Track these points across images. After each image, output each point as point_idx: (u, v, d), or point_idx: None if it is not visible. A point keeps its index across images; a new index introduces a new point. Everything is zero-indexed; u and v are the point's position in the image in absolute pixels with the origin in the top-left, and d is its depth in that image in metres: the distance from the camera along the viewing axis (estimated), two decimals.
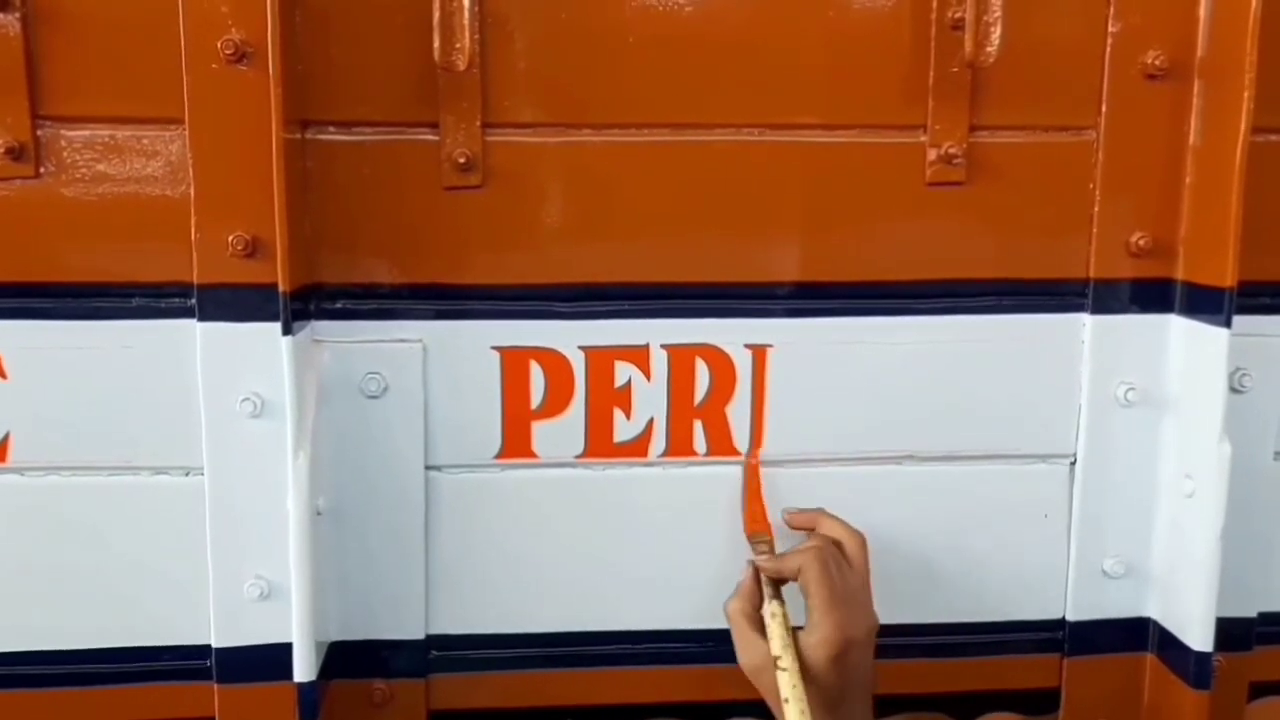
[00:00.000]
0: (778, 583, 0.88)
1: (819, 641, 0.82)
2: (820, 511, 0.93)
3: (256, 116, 0.81)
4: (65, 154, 0.85)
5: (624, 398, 0.93)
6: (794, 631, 0.84)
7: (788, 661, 0.82)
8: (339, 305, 0.90)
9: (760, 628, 0.85)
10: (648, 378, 0.93)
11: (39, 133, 0.85)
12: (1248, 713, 1.03)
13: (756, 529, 0.93)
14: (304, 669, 0.85)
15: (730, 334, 0.93)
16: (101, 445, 0.89)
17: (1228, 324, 0.89)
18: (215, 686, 0.91)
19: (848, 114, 0.91)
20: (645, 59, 0.89)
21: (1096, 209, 0.94)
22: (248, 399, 0.87)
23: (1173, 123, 0.92)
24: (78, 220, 0.86)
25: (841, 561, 0.87)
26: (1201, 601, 0.92)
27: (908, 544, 0.91)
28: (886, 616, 0.88)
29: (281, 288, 0.81)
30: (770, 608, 0.86)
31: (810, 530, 0.92)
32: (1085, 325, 0.95)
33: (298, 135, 0.86)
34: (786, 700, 0.80)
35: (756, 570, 0.89)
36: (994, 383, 0.95)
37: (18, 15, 0.82)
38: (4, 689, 0.92)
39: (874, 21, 0.90)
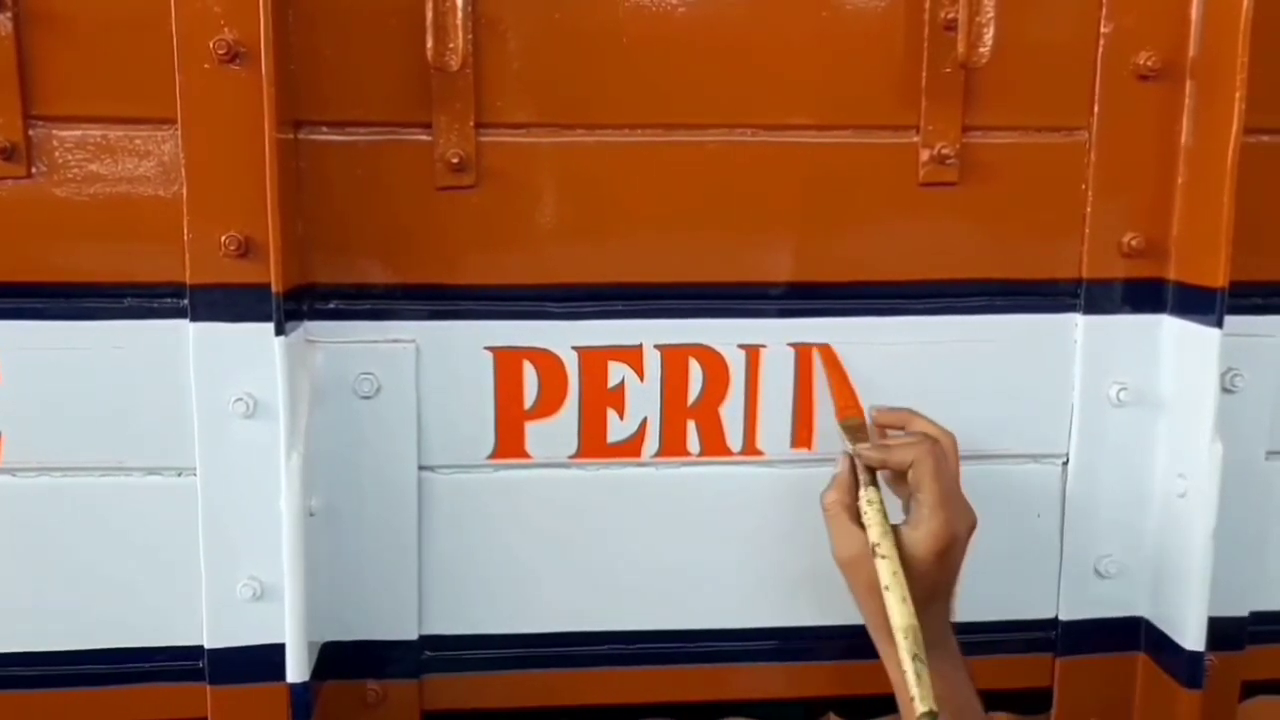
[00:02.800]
0: (873, 471, 0.87)
1: (927, 535, 0.82)
2: (910, 411, 0.92)
3: (249, 116, 0.81)
4: (57, 154, 0.85)
5: (617, 398, 0.93)
6: (895, 527, 0.84)
7: (887, 549, 0.81)
8: (332, 305, 0.90)
9: (858, 519, 0.85)
10: (641, 378, 0.93)
11: (31, 132, 0.85)
12: (1240, 712, 1.03)
13: (849, 414, 0.92)
14: (297, 669, 0.85)
15: (723, 334, 0.93)
16: (94, 446, 0.89)
17: (1219, 324, 0.89)
18: (208, 687, 0.91)
19: (841, 114, 0.91)
20: (638, 60, 0.89)
21: (1089, 209, 0.94)
22: (240, 399, 0.87)
23: (1165, 123, 0.93)
24: (70, 220, 0.86)
25: (945, 457, 0.87)
26: (1194, 601, 0.92)
27: None
28: None
29: (274, 288, 0.81)
30: (868, 494, 0.85)
31: (899, 428, 0.92)
32: (1078, 325, 0.95)
33: (290, 135, 0.86)
34: (887, 587, 0.80)
35: (851, 460, 0.88)
36: (986, 383, 0.95)
37: (9, 15, 0.82)
38: None
39: (867, 22, 0.90)
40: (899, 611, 0.79)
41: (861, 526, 0.84)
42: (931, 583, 0.83)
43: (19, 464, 0.89)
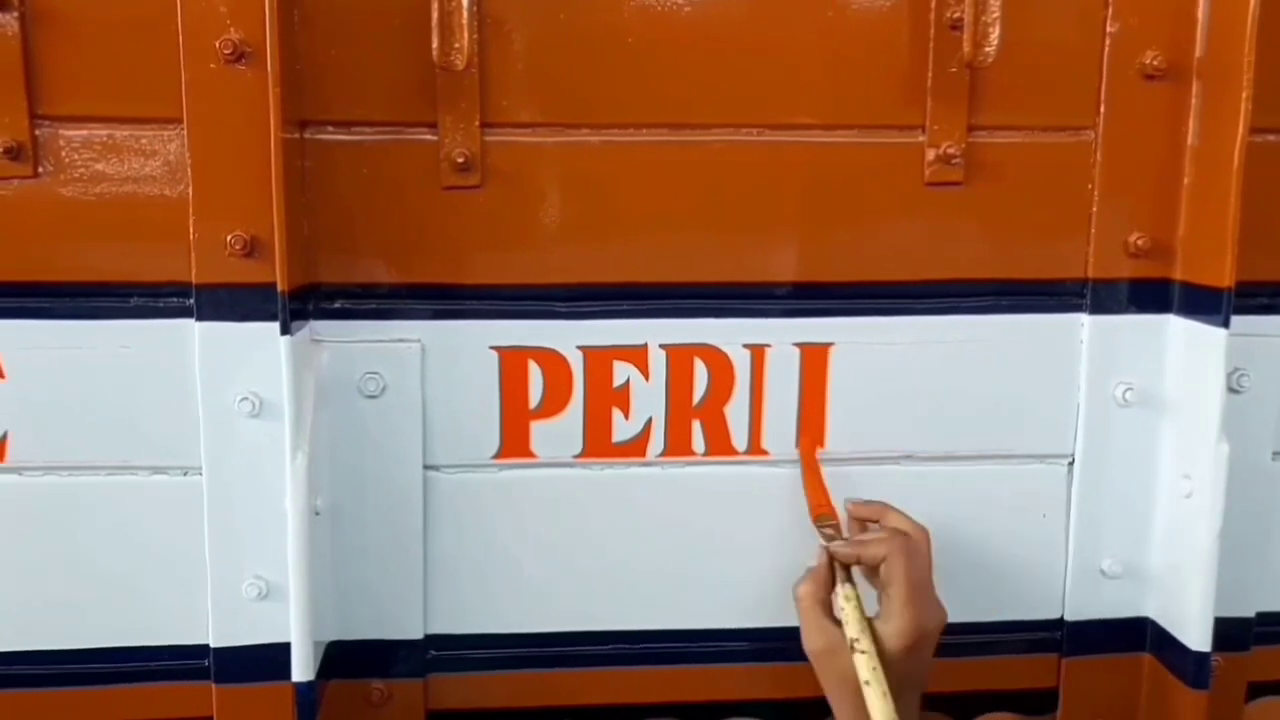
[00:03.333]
0: (848, 568, 0.88)
1: (896, 632, 0.83)
2: (884, 505, 0.92)
3: (255, 116, 0.81)
4: (63, 153, 0.85)
5: (622, 398, 0.93)
6: (870, 621, 0.84)
7: (866, 644, 0.82)
8: (337, 305, 0.90)
9: (829, 612, 0.86)
10: (646, 378, 0.93)
11: (37, 132, 0.85)
12: (1246, 713, 1.03)
13: (822, 512, 0.92)
14: (302, 669, 0.85)
15: (728, 334, 0.93)
16: (100, 445, 0.89)
17: (1226, 324, 0.89)
18: (213, 686, 0.91)
19: (846, 114, 0.91)
20: (644, 59, 0.89)
21: (1095, 209, 0.94)
22: (246, 399, 0.87)
23: (1171, 123, 0.92)
24: (76, 220, 0.86)
25: (917, 553, 0.87)
26: (1199, 601, 0.92)
27: None
28: None
29: (280, 287, 0.81)
30: (845, 590, 0.86)
31: (875, 522, 0.92)
32: (1083, 325, 0.95)
33: (296, 135, 0.86)
34: (867, 682, 0.81)
35: (830, 555, 0.88)
36: (992, 383, 0.95)
37: (16, 15, 0.82)
38: (2, 689, 0.92)
39: (872, 22, 0.90)
40: (880, 707, 0.80)
41: (834, 620, 0.85)
42: (901, 674, 0.83)
43: (25, 463, 0.89)
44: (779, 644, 0.96)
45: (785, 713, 1.00)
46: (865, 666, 0.81)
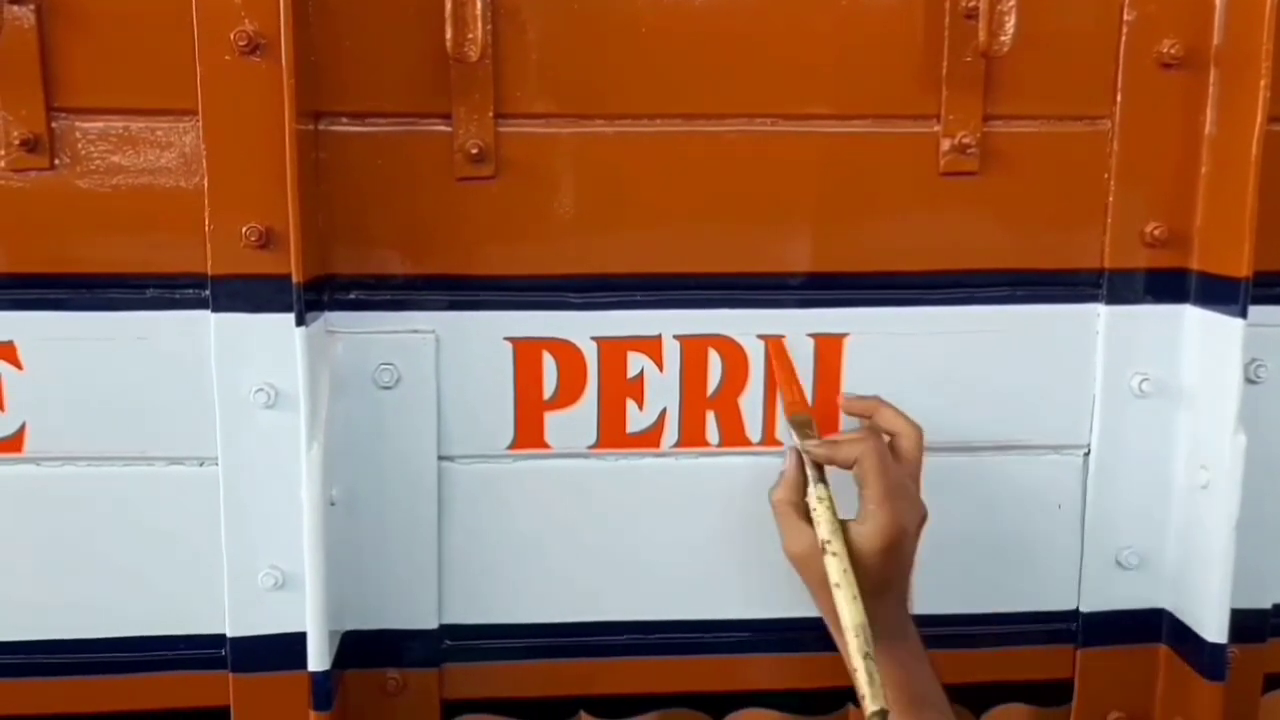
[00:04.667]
0: (821, 468, 0.87)
1: (873, 531, 0.83)
2: (878, 399, 0.92)
3: (269, 108, 0.81)
4: (80, 146, 0.86)
5: (636, 388, 0.93)
6: (844, 523, 0.84)
7: (837, 546, 0.82)
8: (352, 296, 0.90)
9: (806, 516, 0.86)
10: (660, 368, 0.93)
11: (54, 124, 0.85)
12: (1263, 705, 1.03)
13: (796, 410, 0.91)
14: (318, 658, 0.86)
15: (743, 324, 0.93)
16: (116, 436, 0.90)
17: (1243, 314, 0.88)
18: (230, 675, 0.91)
19: (861, 104, 0.91)
20: (658, 49, 0.89)
21: (1111, 199, 0.93)
22: (261, 390, 0.87)
23: (1188, 112, 0.92)
24: (92, 212, 0.87)
25: (890, 451, 0.87)
26: (1216, 593, 0.92)
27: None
28: None
29: (295, 279, 0.82)
30: (816, 491, 0.85)
31: (866, 418, 0.92)
32: (1099, 315, 0.95)
33: (311, 126, 0.86)
34: (837, 585, 0.81)
35: (800, 456, 0.88)
36: (1007, 373, 0.95)
37: (32, 7, 0.83)
38: (19, 677, 0.92)
39: (887, 10, 0.90)
40: (849, 610, 0.80)
41: (810, 523, 0.85)
42: (881, 576, 0.83)
43: (42, 454, 0.90)
44: (793, 634, 0.97)
45: (800, 703, 1.00)
46: (836, 569, 0.81)
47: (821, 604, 0.86)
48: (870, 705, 0.77)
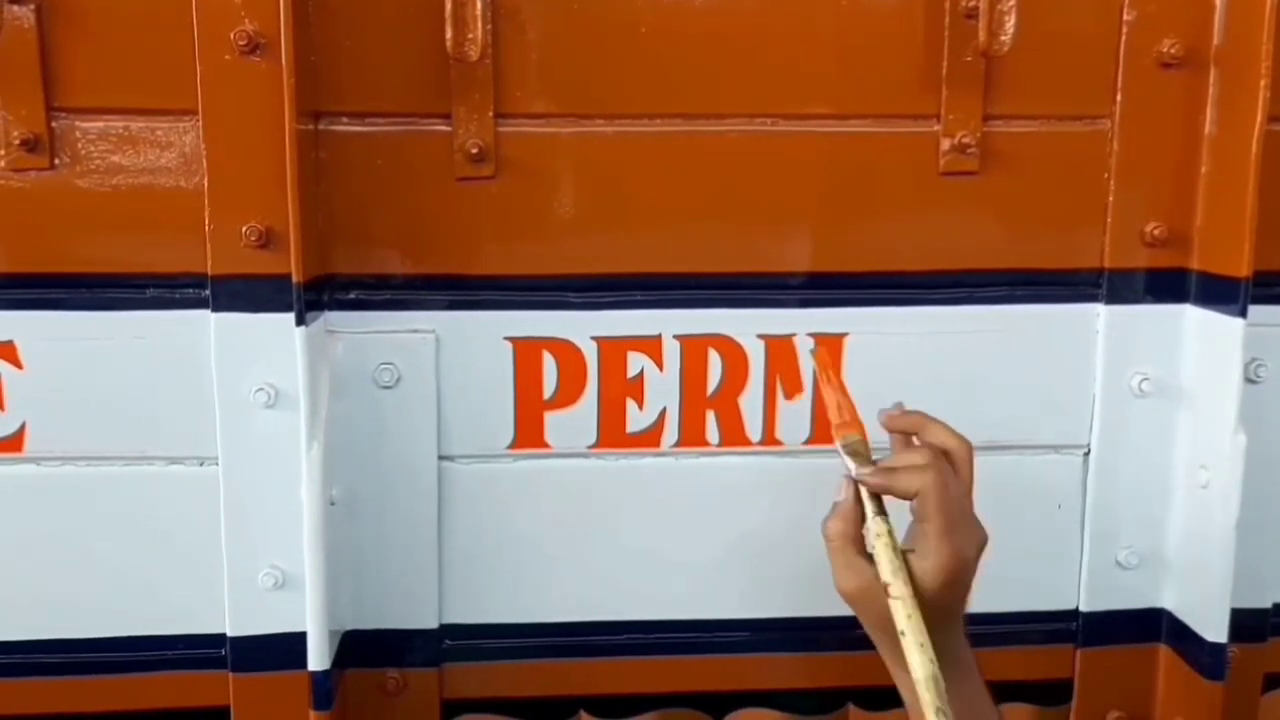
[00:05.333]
0: (878, 497, 0.79)
1: (935, 566, 0.76)
2: (922, 415, 0.84)
3: (270, 108, 0.81)
4: (80, 145, 0.86)
5: (636, 388, 0.93)
6: (905, 555, 0.77)
7: (898, 589, 0.74)
8: (352, 296, 0.90)
9: (862, 549, 0.78)
10: (660, 368, 0.93)
11: (54, 124, 0.85)
12: (1263, 705, 1.02)
13: (846, 431, 0.81)
14: (318, 658, 0.86)
15: (742, 324, 0.93)
16: (117, 435, 0.90)
17: (1243, 314, 0.88)
18: (230, 675, 0.91)
19: (861, 104, 0.91)
20: (657, 50, 0.89)
21: (1111, 198, 0.93)
22: (262, 389, 0.87)
23: (1188, 112, 0.92)
24: (92, 211, 0.87)
25: (953, 477, 0.79)
26: (1216, 592, 0.92)
27: None
28: None
29: (295, 278, 0.82)
30: (876, 527, 0.77)
31: (911, 435, 0.84)
32: (1099, 315, 0.95)
33: (311, 126, 0.86)
34: (903, 633, 0.73)
35: (856, 485, 0.79)
36: (1007, 373, 0.95)
37: (32, 7, 0.83)
38: (20, 677, 0.92)
39: (887, 11, 0.90)
40: (919, 662, 0.73)
41: (867, 557, 0.77)
42: (943, 609, 0.78)
43: (43, 453, 0.90)
44: (793, 634, 0.97)
45: (800, 703, 1.00)
46: (900, 615, 0.74)
47: (881, 646, 0.80)
48: None
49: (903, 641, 0.74)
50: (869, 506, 0.78)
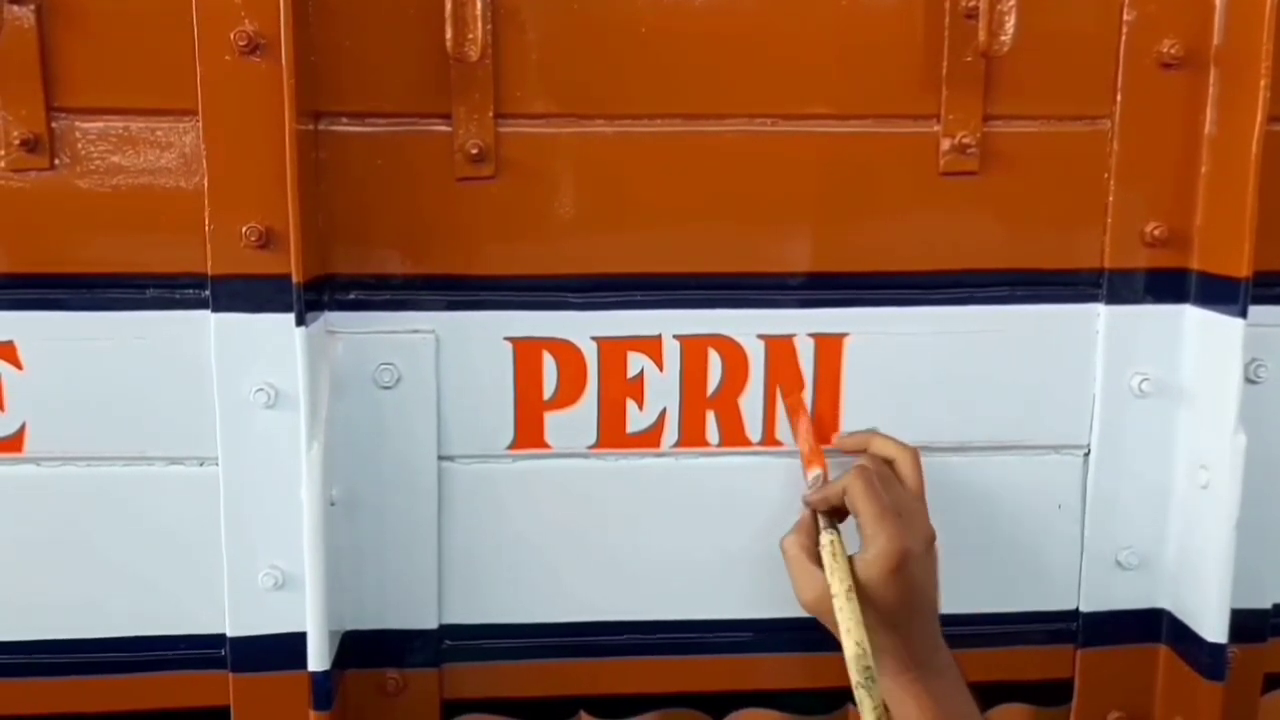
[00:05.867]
0: (831, 515, 0.87)
1: (874, 557, 0.81)
2: (871, 431, 0.93)
3: (269, 108, 0.81)
4: (80, 145, 0.86)
5: (636, 388, 0.93)
6: (850, 559, 0.83)
7: (841, 594, 0.80)
8: (352, 296, 0.90)
9: (817, 560, 0.84)
10: (660, 368, 0.93)
11: (53, 124, 0.85)
12: (1263, 705, 1.02)
13: (811, 465, 0.91)
14: (318, 658, 0.86)
15: (743, 324, 0.93)
16: (116, 436, 0.90)
17: (1243, 314, 0.88)
18: (230, 675, 0.91)
19: (860, 104, 0.91)
20: (658, 50, 0.89)
21: (1111, 199, 0.93)
22: (261, 389, 0.87)
23: (1188, 112, 0.92)
24: (92, 212, 0.87)
25: (890, 477, 0.87)
26: (1216, 593, 0.92)
27: None
28: None
29: (295, 279, 0.82)
30: (823, 538, 0.84)
31: (862, 451, 0.92)
32: (1099, 315, 0.95)
33: (310, 126, 0.86)
34: (847, 631, 0.79)
35: (811, 507, 0.88)
36: (1007, 373, 0.95)
37: (32, 7, 0.83)
38: (19, 677, 0.93)
39: (887, 10, 0.90)
40: (846, 644, 0.79)
41: (822, 568, 0.84)
42: (894, 603, 0.81)
43: (42, 454, 0.90)
44: (793, 634, 0.97)
45: (800, 703, 1.00)
46: (842, 617, 0.79)
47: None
48: None
49: (844, 641, 0.79)
50: (822, 522, 0.87)
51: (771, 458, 0.95)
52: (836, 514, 0.88)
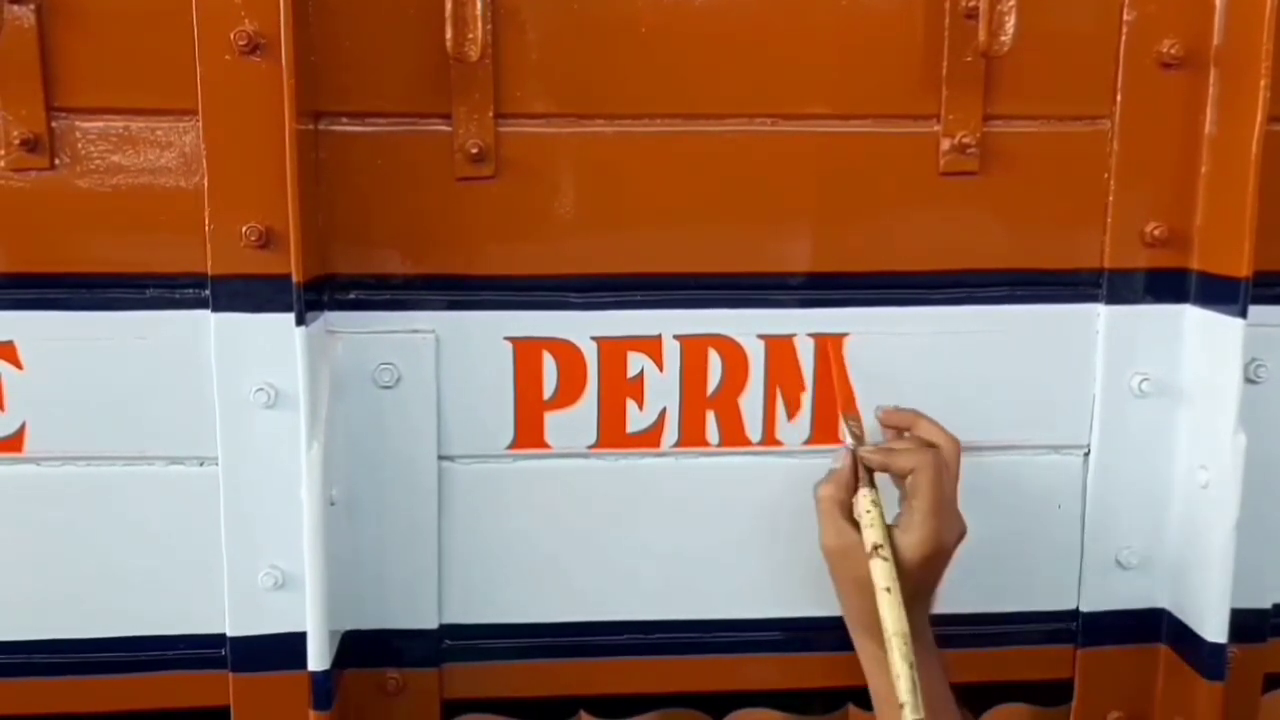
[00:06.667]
0: (871, 472, 0.88)
1: (917, 541, 0.83)
2: (916, 413, 0.93)
3: (270, 108, 0.81)
4: (80, 145, 0.86)
5: (636, 388, 0.93)
6: (889, 528, 0.84)
7: (888, 552, 0.82)
8: (352, 296, 0.90)
9: (849, 514, 0.86)
10: (660, 368, 0.93)
11: (54, 124, 0.85)
12: (1263, 705, 1.03)
13: (848, 410, 0.92)
14: (318, 658, 0.86)
15: (742, 324, 0.93)
16: (117, 435, 0.90)
17: (1243, 314, 0.88)
18: (230, 675, 0.91)
19: (861, 104, 0.91)
20: (657, 49, 0.89)
21: (1111, 199, 0.93)
22: (262, 389, 0.87)
23: (1188, 112, 0.92)
24: (92, 211, 0.87)
25: (951, 471, 0.88)
26: (1216, 593, 0.92)
27: None
28: None
29: (295, 278, 0.82)
30: (870, 495, 0.85)
31: (904, 430, 0.92)
32: (1100, 315, 0.95)
33: (310, 126, 0.86)
34: (888, 589, 0.80)
35: (854, 458, 0.89)
36: (1007, 373, 0.95)
37: (32, 7, 0.83)
38: (19, 677, 0.92)
39: (887, 11, 0.90)
40: (895, 616, 0.80)
41: (852, 523, 0.85)
42: (915, 585, 0.83)
43: (42, 453, 0.90)
44: (793, 634, 0.97)
45: (800, 703, 1.00)
46: (886, 574, 0.81)
47: (847, 603, 0.87)
48: (910, 716, 0.77)
49: (883, 597, 0.80)
50: (864, 478, 0.87)
51: (771, 458, 0.95)
52: (872, 474, 0.88)
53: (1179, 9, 0.90)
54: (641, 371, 0.93)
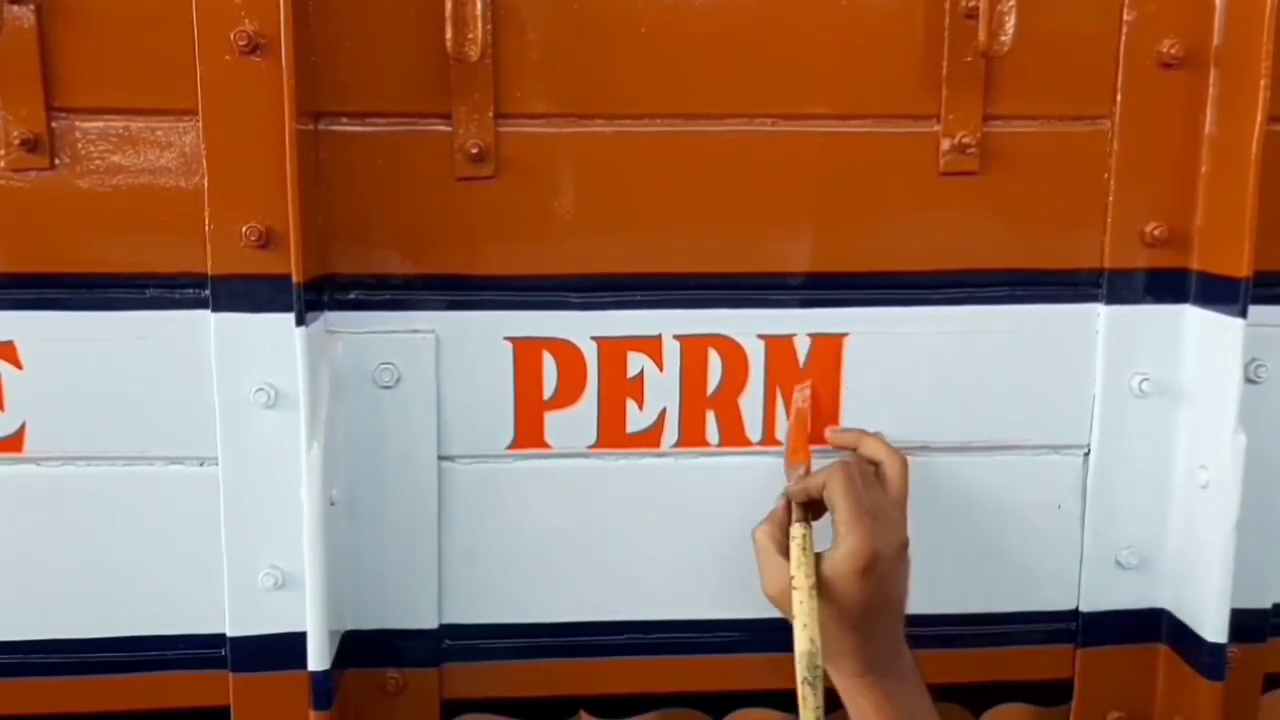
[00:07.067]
0: (806, 508, 0.86)
1: (845, 554, 0.81)
2: (863, 432, 0.93)
3: (269, 108, 0.81)
4: (80, 145, 0.86)
5: (636, 388, 0.93)
6: (818, 554, 0.83)
7: (803, 588, 0.80)
8: (352, 296, 0.90)
9: (788, 553, 0.84)
10: (660, 368, 0.93)
11: (54, 124, 0.85)
12: (1263, 705, 1.03)
13: (795, 459, 0.91)
14: (318, 658, 0.86)
15: (743, 324, 0.93)
16: (116, 435, 0.90)
17: (1243, 314, 0.88)
18: (230, 675, 0.91)
19: (861, 104, 0.91)
20: (658, 49, 0.89)
21: (1111, 199, 0.93)
22: (261, 389, 0.87)
23: (1188, 112, 0.92)
24: (92, 211, 0.87)
25: (871, 477, 0.87)
26: (1216, 593, 0.92)
27: (920, 534, 0.90)
28: None
29: (295, 278, 0.82)
30: (793, 530, 0.84)
31: (852, 450, 0.92)
32: (1099, 315, 0.95)
33: (310, 126, 0.86)
34: (793, 616, 0.80)
35: (788, 499, 0.88)
36: (1007, 373, 0.95)
37: (32, 7, 0.83)
38: (19, 677, 0.93)
39: (887, 11, 0.89)
40: (799, 638, 0.79)
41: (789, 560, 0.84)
42: (860, 603, 0.81)
43: (42, 454, 0.90)
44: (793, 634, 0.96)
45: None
46: (795, 601, 0.80)
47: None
48: None
49: (795, 626, 0.79)
50: (795, 514, 0.86)
51: (771, 457, 0.95)
52: (813, 509, 0.87)
53: (1179, 9, 0.90)
54: (641, 371, 0.93)
